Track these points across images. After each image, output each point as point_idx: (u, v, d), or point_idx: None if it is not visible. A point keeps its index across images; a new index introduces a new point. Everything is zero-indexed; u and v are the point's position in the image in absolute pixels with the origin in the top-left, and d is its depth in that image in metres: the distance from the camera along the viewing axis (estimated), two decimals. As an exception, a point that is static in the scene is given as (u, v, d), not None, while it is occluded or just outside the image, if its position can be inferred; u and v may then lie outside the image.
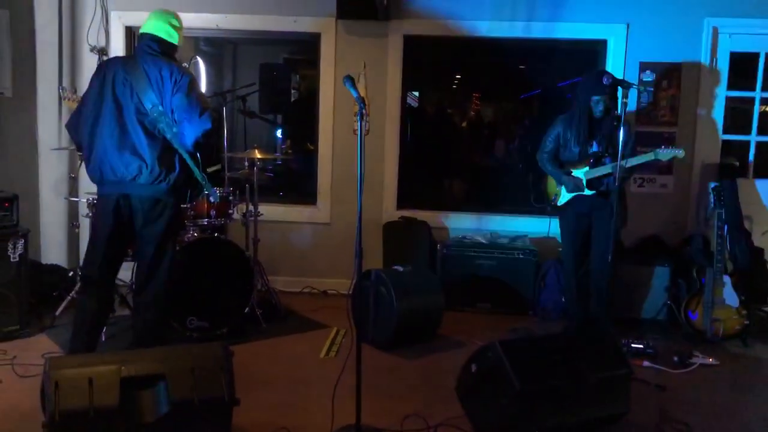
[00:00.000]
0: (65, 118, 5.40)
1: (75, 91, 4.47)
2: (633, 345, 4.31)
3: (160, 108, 3.35)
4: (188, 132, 3.38)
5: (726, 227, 4.65)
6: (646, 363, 4.12)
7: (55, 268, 5.21)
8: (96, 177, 3.47)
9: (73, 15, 5.53)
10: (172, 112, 3.38)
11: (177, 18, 3.64)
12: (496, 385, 2.92)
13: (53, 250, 5.49)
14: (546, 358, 3.02)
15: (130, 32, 5.69)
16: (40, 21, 5.35)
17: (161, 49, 3.51)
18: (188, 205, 4.55)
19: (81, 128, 3.48)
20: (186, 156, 3.38)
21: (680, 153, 4.26)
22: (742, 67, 5.39)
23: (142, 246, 3.59)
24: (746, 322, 4.56)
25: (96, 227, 3.65)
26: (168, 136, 3.36)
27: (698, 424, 3.31)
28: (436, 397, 3.52)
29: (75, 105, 3.86)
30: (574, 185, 4.51)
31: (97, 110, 3.43)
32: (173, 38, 3.57)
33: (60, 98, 5.41)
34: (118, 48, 5.57)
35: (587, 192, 4.49)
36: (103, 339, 4.15)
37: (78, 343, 3.50)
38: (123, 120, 3.39)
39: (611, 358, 3.12)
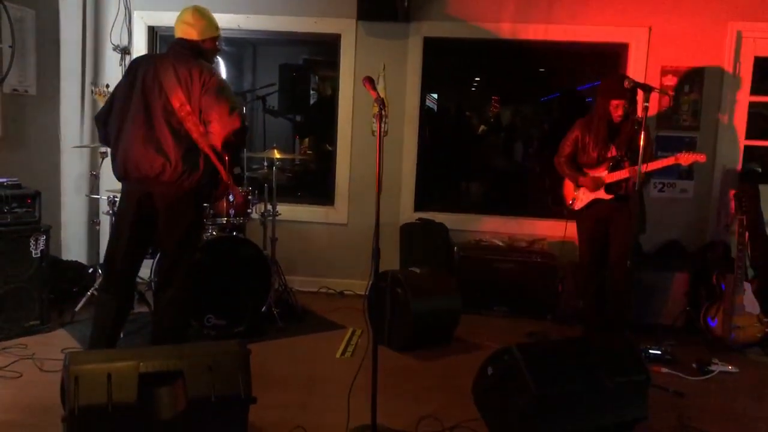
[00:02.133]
0: (88, 116, 5.49)
1: (107, 86, 4.44)
2: (651, 351, 4.28)
3: (188, 107, 3.36)
4: (218, 131, 3.36)
5: (747, 233, 4.60)
6: (664, 369, 4.09)
7: (75, 265, 5.27)
8: (120, 173, 3.48)
9: (96, 14, 5.61)
10: (200, 111, 3.38)
11: (193, 14, 3.58)
12: (512, 389, 2.91)
13: (74, 247, 5.56)
14: (563, 363, 3.00)
15: (153, 32, 5.75)
16: (64, 20, 5.42)
17: (190, 48, 3.53)
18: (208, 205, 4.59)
19: (110, 123, 3.51)
20: (212, 156, 3.40)
21: (701, 157, 4.22)
22: (766, 72, 5.32)
23: (164, 245, 3.61)
24: (767, 330, 4.51)
25: (118, 223, 3.66)
26: (194, 135, 3.37)
27: (716, 432, 3.28)
28: (452, 399, 3.52)
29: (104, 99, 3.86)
30: (594, 184, 4.47)
31: (126, 106, 3.44)
32: (192, 35, 3.54)
33: (83, 96, 5.49)
34: (140, 47, 5.63)
35: (605, 196, 4.46)
36: (122, 336, 4.19)
37: (98, 340, 3.51)
38: (150, 117, 3.39)
39: (629, 364, 3.09)
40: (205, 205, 3.89)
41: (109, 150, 3.65)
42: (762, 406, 3.76)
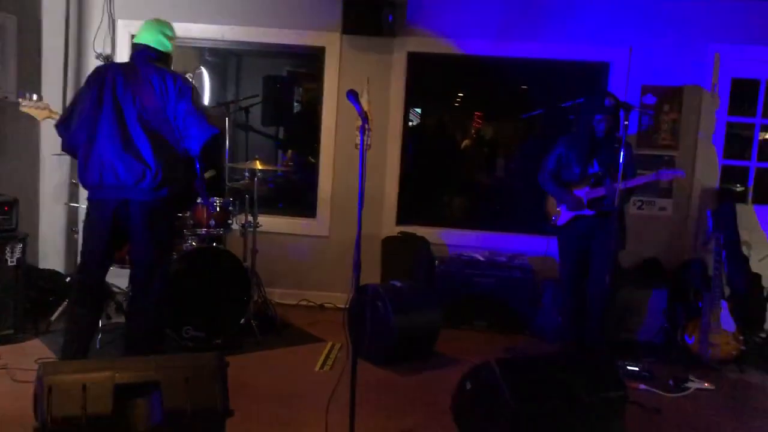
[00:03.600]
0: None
1: (41, 99, 3.89)
2: (629, 367, 4.30)
3: (163, 114, 3.36)
4: (197, 136, 3.39)
5: (724, 252, 4.65)
6: (641, 386, 4.11)
7: (52, 274, 5.19)
8: (95, 181, 3.41)
9: (79, 22, 5.58)
10: (175, 118, 3.39)
11: (170, 28, 3.66)
12: (490, 405, 2.91)
13: (51, 256, 5.49)
14: (542, 379, 3.01)
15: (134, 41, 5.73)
16: (46, 27, 5.38)
17: (159, 56, 3.53)
18: (187, 214, 4.57)
19: (76, 131, 3.44)
20: (190, 162, 3.42)
21: (681, 174, 4.27)
22: (743, 93, 5.42)
23: (139, 253, 3.55)
24: (742, 348, 4.55)
25: (92, 234, 3.55)
26: (171, 142, 3.38)
27: (693, 449, 3.30)
28: (431, 414, 3.51)
29: (37, 112, 3.72)
30: (576, 203, 4.52)
31: (95, 114, 3.40)
32: (166, 48, 3.59)
33: (64, 104, 5.43)
34: (123, 56, 5.60)
35: (587, 212, 4.50)
36: (98, 347, 4.14)
37: (71, 351, 3.46)
38: (125, 125, 3.37)
39: (607, 380, 3.11)
40: (180, 214, 3.88)
41: None
42: (737, 422, 3.79)
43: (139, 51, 3.55)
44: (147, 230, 3.45)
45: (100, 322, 3.82)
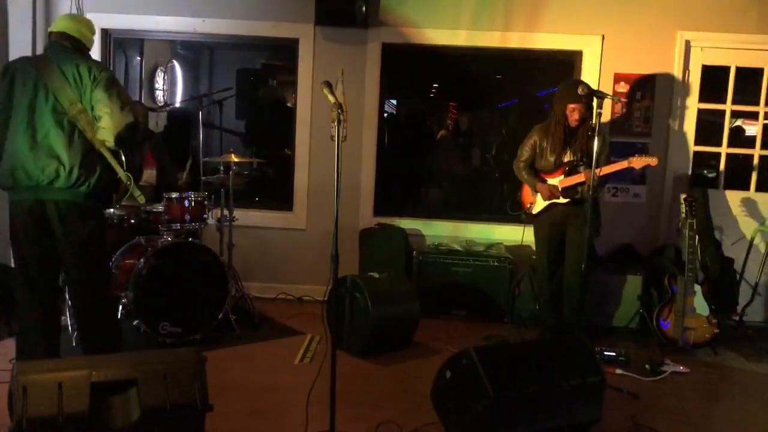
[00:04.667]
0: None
1: None
2: (606, 353, 4.35)
3: (80, 105, 3.18)
4: (109, 126, 3.18)
5: (697, 237, 4.72)
6: (618, 370, 4.17)
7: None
8: (8, 183, 3.23)
9: (47, 15, 5.46)
10: (92, 108, 3.20)
11: (89, 25, 3.49)
12: (470, 392, 2.93)
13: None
14: (520, 366, 3.03)
15: (107, 34, 5.64)
16: (13, 20, 5.29)
17: (75, 46, 3.35)
18: (146, 209, 4.47)
19: None
20: (107, 156, 3.21)
21: (653, 160, 4.32)
22: (714, 80, 5.49)
23: (66, 260, 3.33)
24: (716, 331, 4.63)
25: (17, 243, 3.33)
26: (88, 135, 3.18)
27: (669, 431, 3.35)
28: (411, 403, 3.52)
29: None
30: (550, 193, 4.56)
31: (6, 113, 3.23)
32: (86, 39, 3.42)
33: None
34: (93, 50, 5.49)
35: (562, 200, 4.54)
36: (74, 344, 4.09)
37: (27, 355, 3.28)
38: (36, 122, 3.19)
39: (585, 366, 3.14)
40: (105, 211, 3.72)
41: None
42: (712, 404, 3.86)
43: (53, 41, 3.37)
44: (69, 232, 3.26)
45: (59, 327, 3.53)
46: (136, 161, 3.45)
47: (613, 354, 4.35)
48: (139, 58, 6.67)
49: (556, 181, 4.56)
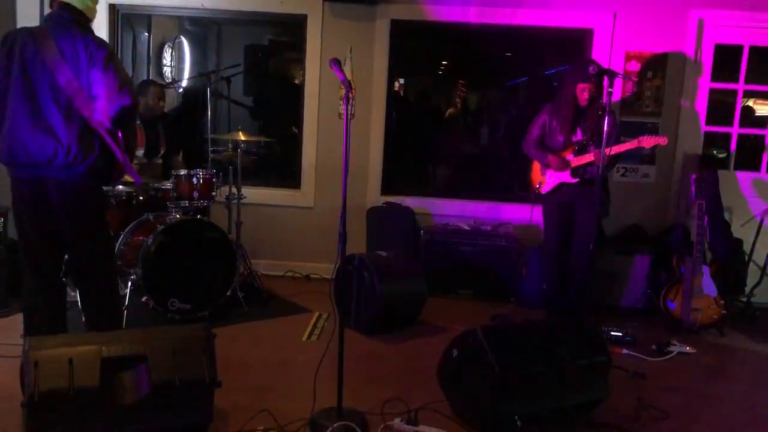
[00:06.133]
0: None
1: None
2: (612, 333, 4.36)
3: (76, 84, 3.11)
4: (106, 108, 3.13)
5: (706, 218, 4.70)
6: (625, 351, 4.17)
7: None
8: (6, 158, 3.19)
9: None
10: (89, 87, 3.13)
11: None
12: (476, 371, 2.94)
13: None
14: (526, 345, 3.04)
15: (114, 9, 5.63)
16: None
17: (75, 17, 3.21)
18: (154, 187, 4.50)
19: None
20: (105, 135, 3.16)
21: (663, 140, 4.28)
22: (726, 59, 5.42)
23: (68, 237, 3.32)
24: (724, 312, 4.62)
25: (20, 219, 3.31)
26: (85, 114, 3.12)
27: (675, 411, 3.36)
28: (417, 381, 3.54)
29: None
30: (560, 163, 4.51)
31: (4, 87, 3.16)
32: (88, 8, 3.29)
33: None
34: (101, 25, 5.49)
35: (571, 180, 4.52)
36: (83, 320, 4.12)
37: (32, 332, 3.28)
38: (35, 97, 3.12)
39: (591, 346, 3.15)
40: (105, 188, 3.69)
41: None
42: (718, 385, 3.87)
43: (53, 12, 3.26)
44: (70, 212, 3.24)
45: (64, 307, 3.52)
46: (130, 142, 3.41)
47: (620, 334, 4.36)
48: (146, 34, 6.64)
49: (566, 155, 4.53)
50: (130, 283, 4.25)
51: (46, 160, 3.12)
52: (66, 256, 3.49)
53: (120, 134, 3.26)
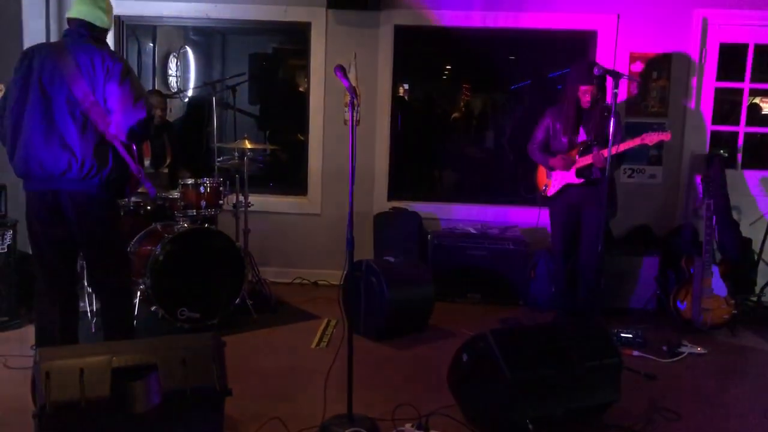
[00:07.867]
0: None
1: None
2: (622, 334, 4.34)
3: (92, 98, 3.15)
4: (121, 122, 3.15)
5: (714, 217, 4.68)
6: (635, 352, 4.16)
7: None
8: (21, 171, 3.23)
9: (60, 1, 5.47)
10: (105, 101, 3.17)
11: (105, 6, 3.38)
12: (487, 375, 2.94)
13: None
14: (536, 348, 3.03)
15: (119, 21, 5.66)
16: (27, 8, 5.28)
17: (91, 34, 3.27)
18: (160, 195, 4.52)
19: (5, 118, 3.26)
20: (120, 148, 3.19)
21: (666, 135, 4.26)
22: (732, 58, 5.41)
23: (83, 249, 3.39)
24: (734, 312, 4.60)
25: (34, 230, 3.32)
26: (101, 127, 3.16)
27: (687, 412, 3.35)
28: (427, 386, 3.54)
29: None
30: (566, 162, 4.50)
31: (22, 100, 3.19)
32: (104, 23, 3.34)
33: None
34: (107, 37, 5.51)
35: (576, 181, 4.51)
36: (93, 330, 4.14)
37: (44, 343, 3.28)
38: (51, 111, 3.16)
39: (601, 348, 3.14)
40: (120, 201, 3.72)
41: None
42: (730, 385, 3.84)
43: (70, 28, 3.31)
44: (84, 225, 3.26)
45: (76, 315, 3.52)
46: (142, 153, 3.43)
47: (630, 336, 4.34)
48: (151, 45, 6.68)
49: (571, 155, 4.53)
50: (139, 293, 4.27)
51: (60, 173, 3.15)
52: (79, 265, 3.52)
53: (134, 147, 3.31)
